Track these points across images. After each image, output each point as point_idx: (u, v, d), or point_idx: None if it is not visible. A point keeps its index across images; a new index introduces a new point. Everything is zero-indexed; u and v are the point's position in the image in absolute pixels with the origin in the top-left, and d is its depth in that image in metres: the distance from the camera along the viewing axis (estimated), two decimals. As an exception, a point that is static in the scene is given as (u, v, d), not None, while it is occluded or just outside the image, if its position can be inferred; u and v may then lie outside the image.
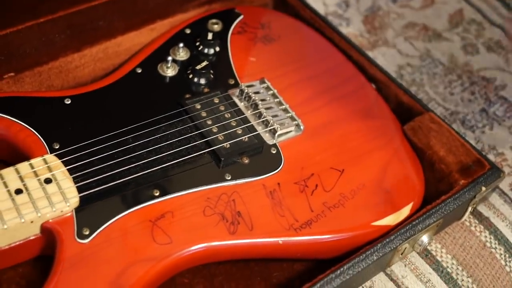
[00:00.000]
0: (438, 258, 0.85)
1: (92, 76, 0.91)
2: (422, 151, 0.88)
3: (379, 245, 0.76)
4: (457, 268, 0.84)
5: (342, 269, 0.73)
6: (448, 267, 0.84)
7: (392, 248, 0.77)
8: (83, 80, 0.91)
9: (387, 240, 0.77)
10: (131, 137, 0.78)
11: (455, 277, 0.83)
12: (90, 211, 0.71)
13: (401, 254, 0.80)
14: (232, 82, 0.88)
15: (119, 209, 0.72)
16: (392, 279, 0.82)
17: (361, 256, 0.75)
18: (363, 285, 0.81)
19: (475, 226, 0.89)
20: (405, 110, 0.93)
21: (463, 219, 0.88)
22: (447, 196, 0.82)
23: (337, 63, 0.96)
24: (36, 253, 0.73)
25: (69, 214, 0.70)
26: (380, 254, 0.76)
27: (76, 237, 0.69)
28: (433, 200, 0.83)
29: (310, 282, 0.72)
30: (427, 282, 0.82)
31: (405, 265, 0.83)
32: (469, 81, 1.08)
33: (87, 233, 0.70)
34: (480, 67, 1.12)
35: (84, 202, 0.71)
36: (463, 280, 0.83)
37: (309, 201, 0.78)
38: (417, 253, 0.85)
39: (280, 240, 0.75)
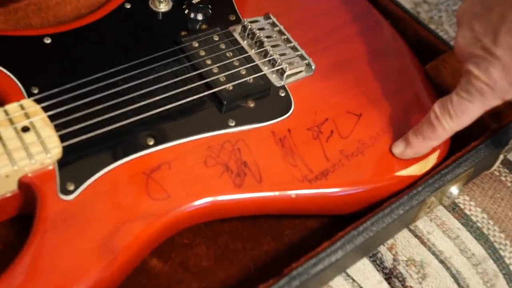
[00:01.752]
0: (467, 211, 0.77)
1: (75, 14, 0.82)
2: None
3: (405, 197, 0.69)
4: (488, 223, 0.77)
5: (365, 225, 0.66)
6: (478, 221, 0.77)
7: (419, 201, 0.69)
8: (65, 18, 0.82)
9: (414, 192, 0.69)
10: (120, 79, 0.70)
11: (486, 232, 0.76)
12: (74, 163, 0.64)
13: (428, 207, 0.72)
14: (233, 18, 0.79)
15: (108, 160, 0.65)
16: (416, 236, 0.74)
17: (386, 210, 0.67)
18: (384, 243, 0.73)
19: (506, 176, 0.81)
20: (425, 48, 0.85)
21: (492, 169, 0.80)
22: (478, 142, 0.74)
23: (350, -2, 0.86)
24: (14, 213, 0.66)
25: (50, 167, 0.63)
26: (407, 208, 0.68)
27: (59, 193, 0.62)
28: (461, 148, 0.75)
29: (328, 241, 0.64)
30: (455, 238, 0.74)
31: (431, 220, 0.76)
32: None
33: (71, 188, 0.62)
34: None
35: (68, 153, 0.64)
36: (495, 235, 0.76)
37: (324, 149, 0.70)
38: (444, 206, 0.76)
39: (292, 193, 0.67)
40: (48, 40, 0.72)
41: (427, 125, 0.69)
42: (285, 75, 0.74)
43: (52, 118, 0.65)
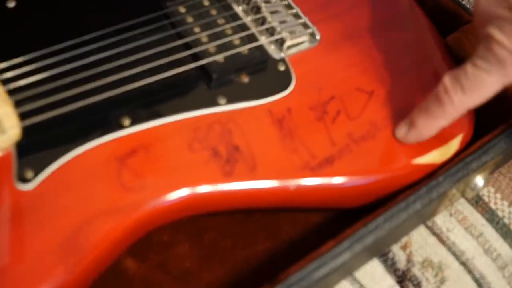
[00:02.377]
0: (492, 205, 0.69)
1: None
2: None
3: (424, 189, 0.60)
4: (516, 218, 0.68)
5: (377, 221, 0.57)
6: (505, 217, 0.69)
7: (440, 193, 0.60)
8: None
9: (434, 182, 0.60)
10: (94, 48, 0.61)
11: (514, 229, 0.67)
12: (36, 146, 0.55)
13: (449, 201, 0.62)
14: (227, -20, 0.69)
15: (76, 143, 0.56)
16: (434, 233, 0.66)
17: (402, 204, 0.58)
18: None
19: (537, 165, 0.72)
20: (446, 18, 0.76)
21: (521, 156, 0.70)
22: (508, 124, 0.66)
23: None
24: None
25: (6, 150, 0.54)
26: (426, 202, 0.59)
27: (16, 181, 0.53)
28: (488, 131, 0.66)
29: (333, 239, 0.55)
30: (479, 236, 0.66)
31: (451, 215, 0.67)
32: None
33: (30, 176, 0.53)
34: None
35: (28, 134, 0.54)
36: (524, 233, 0.67)
37: (330, 131, 0.62)
38: (466, 199, 0.68)
39: (292, 183, 0.58)
40: (11, 4, 0.64)
41: (433, 100, 0.60)
42: (285, 46, 0.65)
43: (11, 93, 0.56)
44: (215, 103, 0.60)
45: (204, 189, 0.56)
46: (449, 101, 0.59)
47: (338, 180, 0.60)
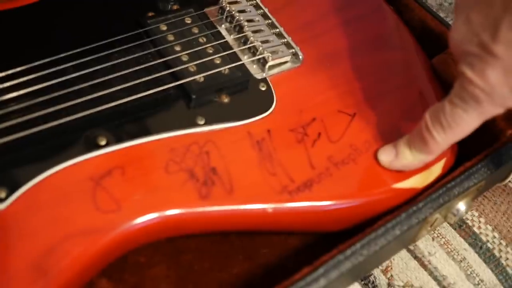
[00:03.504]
0: (476, 229, 0.68)
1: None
2: None
3: (403, 215, 0.59)
4: (500, 243, 0.68)
5: (354, 248, 0.56)
6: (488, 241, 0.67)
7: (420, 219, 0.59)
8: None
9: (414, 208, 0.59)
10: (71, 65, 0.60)
11: (497, 254, 0.67)
12: (9, 165, 0.54)
13: (430, 226, 0.61)
14: (210, -2, 0.68)
15: (50, 163, 0.54)
16: (416, 257, 0.65)
17: (380, 230, 0.57)
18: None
19: (521, 189, 0.72)
20: (433, 39, 0.75)
21: (507, 181, 0.70)
22: (492, 150, 0.65)
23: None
24: None
25: None
26: (405, 228, 0.58)
27: None
28: (471, 157, 0.65)
29: (310, 266, 0.54)
30: (461, 261, 0.65)
31: (433, 239, 0.67)
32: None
33: (3, 195, 0.52)
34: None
35: (1, 153, 0.54)
36: (507, 258, 0.67)
37: (309, 154, 0.60)
38: (449, 223, 0.67)
39: (269, 207, 0.57)
40: (-13, 21, 0.62)
41: (417, 136, 0.59)
42: (267, 66, 0.64)
43: (-16, 110, 0.55)
44: (193, 124, 0.59)
45: (180, 212, 0.55)
46: (431, 139, 0.58)
47: (317, 204, 0.59)
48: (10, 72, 0.57)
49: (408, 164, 0.60)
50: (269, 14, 0.68)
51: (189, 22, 0.66)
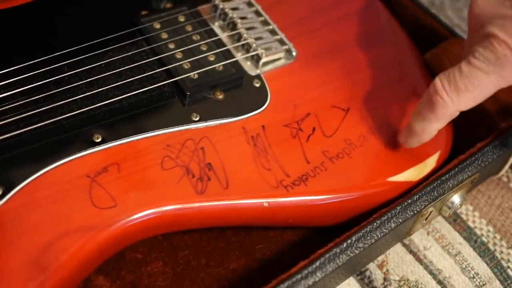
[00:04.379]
0: (470, 223, 0.68)
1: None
2: None
3: (398, 208, 0.59)
4: (494, 237, 0.68)
5: (349, 241, 0.56)
6: (483, 235, 0.68)
7: (415, 212, 0.59)
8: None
9: (409, 201, 0.59)
10: (66, 64, 0.60)
11: (492, 248, 0.67)
12: (6, 163, 0.54)
13: (425, 219, 0.61)
14: (203, -4, 0.68)
15: (46, 160, 0.54)
16: (411, 251, 0.65)
17: (375, 223, 0.57)
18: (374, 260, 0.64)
19: (515, 183, 0.72)
20: (426, 35, 0.76)
21: (500, 174, 0.70)
22: (485, 143, 0.65)
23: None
24: None
25: None
26: (400, 221, 0.58)
27: None
28: (465, 149, 0.65)
29: (307, 259, 0.55)
30: (456, 255, 0.65)
31: (428, 233, 0.67)
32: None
33: (0, 192, 0.52)
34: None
35: None
36: (502, 252, 0.67)
37: (304, 149, 0.61)
38: (443, 217, 0.67)
39: (265, 201, 0.57)
40: (-18, 20, 0.62)
41: (425, 104, 0.58)
42: (261, 63, 0.64)
43: (-21, 109, 0.55)
44: (188, 120, 0.59)
45: (176, 207, 0.55)
46: (440, 103, 0.57)
47: (312, 198, 0.59)
48: (5, 70, 0.58)
49: (421, 136, 0.60)
50: (262, 11, 0.68)
51: (182, 20, 0.66)
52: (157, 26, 0.64)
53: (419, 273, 0.64)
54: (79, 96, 0.58)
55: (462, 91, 0.55)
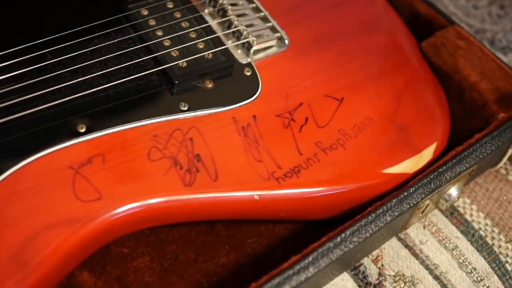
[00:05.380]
0: (467, 217, 0.66)
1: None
2: (447, 76, 0.69)
3: (394, 201, 0.57)
4: (492, 231, 0.66)
5: (343, 235, 0.54)
6: (480, 229, 0.66)
7: (411, 205, 0.58)
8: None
9: (405, 193, 0.58)
10: (49, 51, 0.58)
11: (490, 242, 0.65)
12: (-15, 154, 0.52)
13: (422, 213, 0.60)
14: (192, -18, 0.66)
15: (28, 151, 0.53)
16: (407, 246, 0.64)
17: (370, 217, 0.56)
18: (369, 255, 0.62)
19: (514, 175, 0.70)
20: (422, 23, 0.74)
21: (498, 166, 0.69)
22: (483, 134, 0.64)
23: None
24: None
25: None
26: (396, 214, 0.57)
27: None
28: (463, 140, 0.63)
29: (299, 254, 0.53)
30: (453, 249, 0.64)
31: (424, 227, 0.65)
32: (497, -7, 0.89)
33: (-21, 184, 0.50)
34: (510, -23, 0.92)
35: None
36: (500, 246, 0.65)
37: (297, 140, 0.59)
38: (440, 210, 0.65)
39: (256, 194, 0.56)
40: (-35, 4, 0.60)
41: None
42: (252, 50, 0.63)
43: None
44: (176, 110, 0.57)
45: (163, 200, 0.53)
46: None
47: (305, 191, 0.57)
48: (-16, 58, 0.56)
49: None
50: (253, -2, 0.67)
51: (171, 6, 0.64)
52: (145, 12, 0.62)
53: (415, 268, 0.62)
54: (63, 85, 0.56)
55: None
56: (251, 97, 0.60)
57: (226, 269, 0.58)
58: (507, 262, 0.64)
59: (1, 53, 0.56)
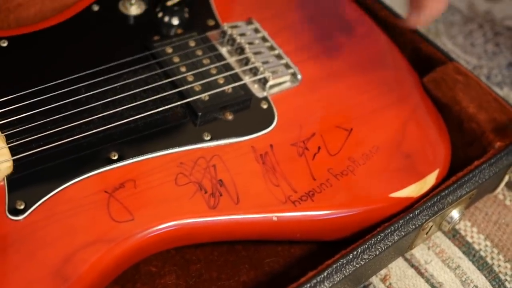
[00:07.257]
0: (469, 239, 0.70)
1: (39, 18, 0.74)
2: (447, 107, 0.73)
3: (401, 221, 0.61)
4: (492, 251, 0.70)
5: (355, 252, 0.58)
6: (481, 249, 0.70)
7: (417, 225, 0.62)
8: (28, 22, 0.74)
9: (411, 215, 0.62)
10: (83, 86, 0.63)
11: (490, 262, 0.69)
12: (27, 179, 0.57)
13: (426, 234, 0.64)
14: (212, 23, 0.72)
15: (66, 176, 0.57)
16: (413, 266, 0.67)
17: (379, 236, 0.60)
18: (377, 274, 0.66)
19: (511, 200, 0.73)
20: (423, 60, 0.78)
21: (496, 192, 0.73)
22: (482, 161, 0.67)
23: (341, 3, 0.80)
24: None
25: None
26: (403, 234, 0.61)
27: (7, 212, 0.55)
28: (462, 168, 0.67)
29: (315, 270, 0.57)
30: (456, 268, 0.67)
31: (429, 248, 0.69)
32: (492, 31, 0.94)
33: (22, 207, 0.55)
34: (504, 16, 0.97)
35: (20, 168, 0.57)
36: (499, 265, 0.69)
37: (310, 167, 0.63)
38: (443, 233, 0.69)
39: (274, 216, 0.60)
40: (4, 43, 0.65)
41: None
42: (267, 85, 0.67)
43: (2, 128, 0.58)
44: (200, 140, 0.62)
45: (190, 221, 0.58)
46: None
47: (318, 213, 0.61)
48: (26, 91, 0.60)
49: (433, 11, 0.61)
50: (268, 37, 0.71)
51: (193, 45, 0.68)
52: (169, 50, 0.67)
53: (421, 286, 0.66)
54: (96, 116, 0.60)
55: None
56: (267, 127, 0.65)
57: (246, 287, 0.62)
58: (506, 280, 0.67)
59: (39, 87, 0.61)
